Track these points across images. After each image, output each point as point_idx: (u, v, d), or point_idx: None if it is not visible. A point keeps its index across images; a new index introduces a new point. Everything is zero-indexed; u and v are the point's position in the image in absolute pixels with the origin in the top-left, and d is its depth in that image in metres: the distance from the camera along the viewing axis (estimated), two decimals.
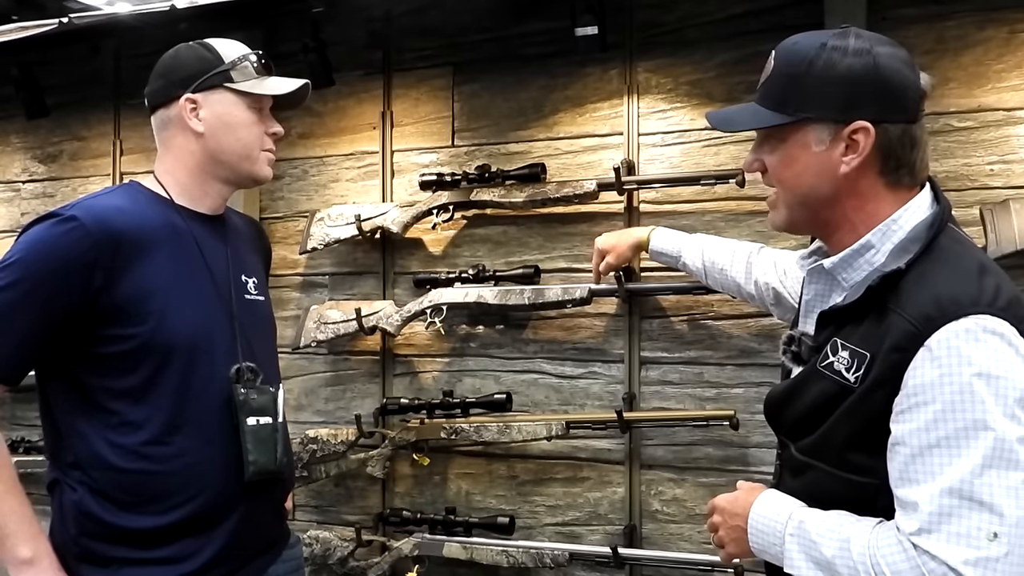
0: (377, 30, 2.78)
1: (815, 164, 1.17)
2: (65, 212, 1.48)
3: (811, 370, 1.20)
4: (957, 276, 1.11)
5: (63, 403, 1.52)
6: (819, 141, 1.16)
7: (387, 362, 2.73)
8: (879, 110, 1.13)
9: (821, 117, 1.15)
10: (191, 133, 1.60)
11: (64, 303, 1.44)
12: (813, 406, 1.19)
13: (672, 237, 2.09)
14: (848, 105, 1.13)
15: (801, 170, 1.19)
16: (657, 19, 2.45)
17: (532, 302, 2.42)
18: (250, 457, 1.53)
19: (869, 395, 1.11)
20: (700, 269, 2.01)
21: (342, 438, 2.62)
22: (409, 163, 2.74)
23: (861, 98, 1.13)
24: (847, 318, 1.17)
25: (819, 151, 1.16)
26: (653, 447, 2.42)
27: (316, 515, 2.80)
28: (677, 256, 2.06)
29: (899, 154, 1.15)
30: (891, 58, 1.14)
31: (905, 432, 1.08)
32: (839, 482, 1.17)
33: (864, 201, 1.18)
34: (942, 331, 1.06)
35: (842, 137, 1.14)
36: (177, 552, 1.50)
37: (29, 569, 1.43)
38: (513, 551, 2.40)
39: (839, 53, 1.14)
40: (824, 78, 1.14)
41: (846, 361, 1.14)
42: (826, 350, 1.17)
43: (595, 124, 2.52)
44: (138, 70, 3.04)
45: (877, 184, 1.17)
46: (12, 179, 3.38)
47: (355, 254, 2.78)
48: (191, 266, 1.57)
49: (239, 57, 1.61)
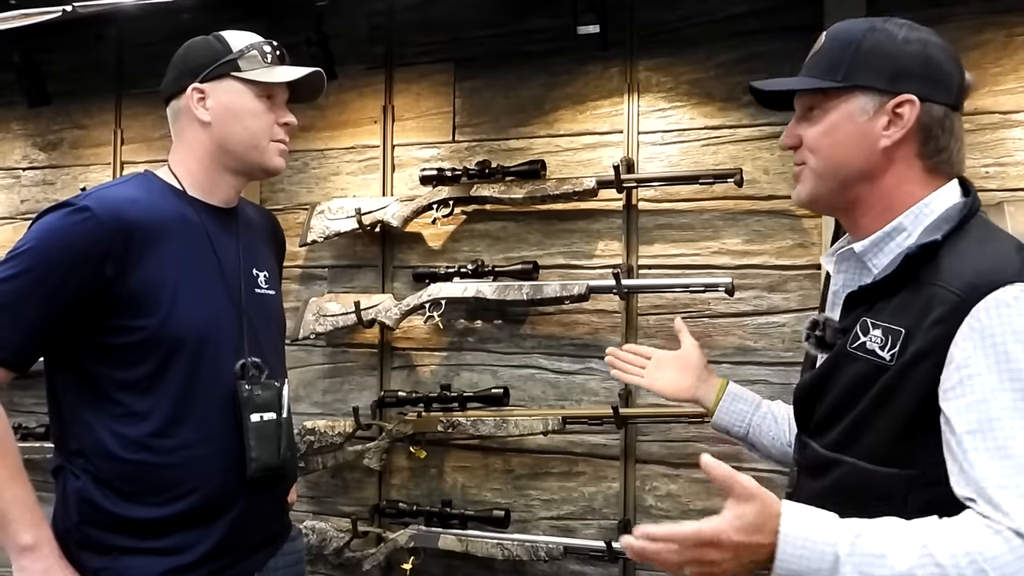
0: (379, 24, 2.79)
1: (856, 134, 1.17)
2: (78, 202, 1.48)
3: (840, 353, 1.16)
4: (996, 250, 1.10)
5: (70, 391, 1.53)
6: (863, 111, 1.16)
7: (385, 355, 2.74)
8: (926, 87, 1.14)
9: (869, 86, 1.16)
10: (199, 123, 1.60)
11: (74, 292, 1.45)
12: (846, 391, 1.14)
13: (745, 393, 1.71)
14: (897, 77, 1.15)
15: (841, 139, 1.18)
16: (658, 18, 2.46)
17: (530, 298, 2.44)
18: (253, 453, 1.54)
19: (909, 370, 1.06)
20: (771, 419, 1.63)
21: (339, 430, 2.64)
22: (410, 157, 2.75)
23: (910, 73, 1.14)
24: (878, 296, 1.14)
25: (862, 121, 1.16)
26: (648, 443, 2.44)
27: (313, 506, 2.81)
28: (755, 405, 1.66)
29: (939, 136, 1.16)
30: (940, 48, 1.18)
31: (961, 408, 1.02)
32: (866, 477, 1.10)
33: (900, 181, 1.17)
34: (988, 299, 1.03)
35: (886, 110, 1.15)
36: (177, 543, 1.51)
37: (30, 555, 1.44)
38: (508, 544, 2.42)
39: (891, 33, 1.17)
40: (875, 50, 1.16)
41: (879, 339, 1.10)
42: (855, 331, 1.14)
43: (595, 122, 2.53)
44: (140, 60, 3.07)
45: (915, 166, 1.17)
46: (12, 166, 3.38)
47: (355, 247, 2.79)
48: (201, 259, 1.57)
49: (248, 46, 1.61)
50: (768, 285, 2.34)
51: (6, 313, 1.43)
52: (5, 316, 1.43)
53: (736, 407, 1.64)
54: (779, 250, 2.33)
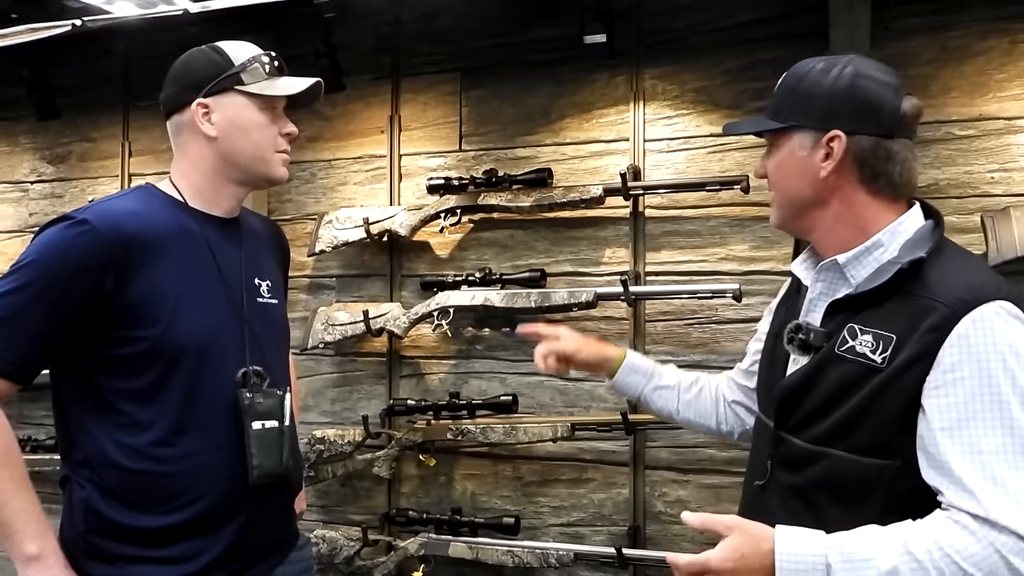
0: (386, 35, 2.81)
1: (798, 167, 1.30)
2: (78, 215, 1.49)
3: (828, 356, 1.25)
4: (977, 268, 1.24)
5: (74, 402, 1.53)
6: (802, 147, 1.29)
7: (394, 364, 2.75)
8: (853, 122, 1.25)
9: (804, 125, 1.29)
10: (204, 137, 1.60)
11: (75, 305, 1.45)
12: (834, 390, 1.23)
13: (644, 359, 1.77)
14: (826, 116, 1.26)
15: (789, 172, 1.32)
16: (664, 27, 2.48)
17: (538, 305, 2.45)
18: (254, 461, 1.54)
19: (902, 372, 1.17)
20: (675, 386, 1.71)
21: (349, 438, 2.64)
22: (417, 167, 2.76)
23: (838, 111, 1.26)
24: (863, 304, 1.24)
25: (802, 156, 1.29)
26: (657, 449, 2.45)
27: (323, 515, 2.82)
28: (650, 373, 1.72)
29: (873, 164, 1.26)
30: (872, 81, 1.27)
31: (942, 406, 1.13)
32: (857, 467, 1.19)
33: (850, 206, 1.28)
34: (976, 311, 1.14)
35: (821, 144, 1.27)
36: (183, 552, 1.51)
37: (36, 565, 1.44)
38: (518, 551, 2.42)
39: (827, 73, 1.28)
40: (810, 92, 1.28)
41: (870, 344, 1.20)
42: (842, 335, 1.23)
43: (601, 130, 2.55)
44: (148, 72, 3.09)
45: (859, 191, 1.28)
46: (21, 179, 3.40)
47: (363, 256, 2.81)
48: (203, 269, 1.57)
49: (249, 59, 1.61)
50: (775, 291, 2.28)
51: (8, 326, 1.44)
52: (7, 329, 1.44)
53: (630, 379, 1.71)
54: (786, 256, 2.33)
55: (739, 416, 1.64)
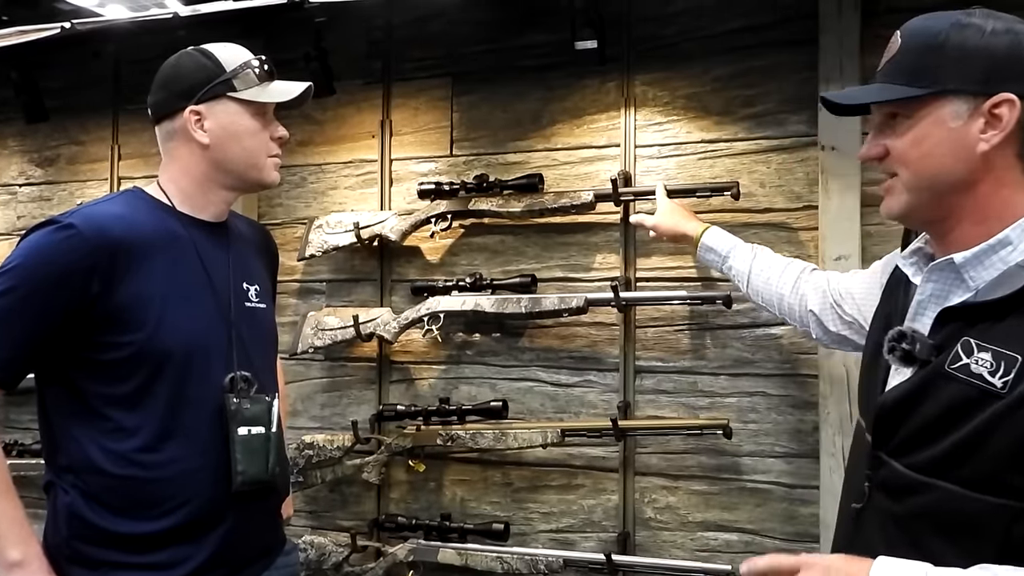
0: (377, 40, 2.81)
1: (950, 141, 1.08)
2: (63, 219, 1.49)
3: (936, 372, 1.07)
4: None
5: (59, 407, 1.53)
6: (956, 116, 1.08)
7: (384, 369, 2.75)
8: (1022, 85, 1.06)
9: (960, 89, 1.07)
10: (196, 144, 1.60)
11: (61, 309, 1.45)
12: (942, 413, 1.06)
13: (725, 236, 2.01)
14: (991, 77, 1.06)
15: (933, 148, 1.09)
16: (655, 33, 2.49)
17: (529, 311, 2.45)
18: (239, 467, 1.54)
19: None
20: (744, 273, 1.90)
21: (338, 444, 2.63)
22: (408, 172, 2.76)
23: (1005, 70, 1.06)
24: (981, 316, 1.06)
25: (956, 127, 1.08)
26: (647, 455, 2.45)
27: (311, 520, 2.81)
28: (725, 256, 1.96)
29: None
30: None
31: None
32: (970, 503, 1.02)
33: (999, 186, 1.08)
34: None
35: (982, 111, 1.06)
36: (167, 558, 1.51)
37: (19, 571, 1.43)
38: (507, 557, 2.41)
39: (978, 27, 1.08)
40: (964, 49, 1.07)
41: (988, 364, 1.02)
42: (955, 351, 1.05)
43: (592, 136, 2.55)
44: (138, 75, 3.08)
45: (1016, 168, 1.09)
46: (9, 183, 3.38)
47: (353, 261, 2.80)
48: (190, 274, 1.57)
49: (241, 65, 1.61)
50: None
51: None
52: None
53: (707, 256, 2.03)
54: None
55: (819, 323, 1.64)
